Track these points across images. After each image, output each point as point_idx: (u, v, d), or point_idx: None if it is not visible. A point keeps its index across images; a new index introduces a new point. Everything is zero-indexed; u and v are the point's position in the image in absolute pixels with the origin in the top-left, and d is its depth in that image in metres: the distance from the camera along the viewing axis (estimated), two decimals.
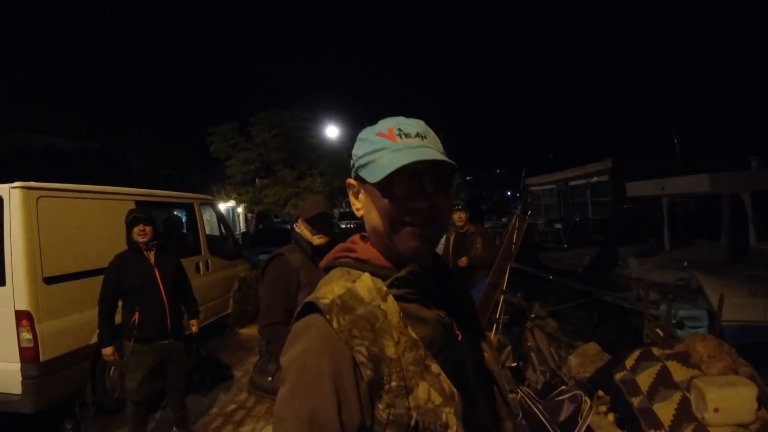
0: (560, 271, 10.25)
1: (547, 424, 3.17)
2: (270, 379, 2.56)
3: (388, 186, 0.88)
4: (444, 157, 0.89)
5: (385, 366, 0.82)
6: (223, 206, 21.42)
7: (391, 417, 0.81)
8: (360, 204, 0.99)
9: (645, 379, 3.43)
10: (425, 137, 0.93)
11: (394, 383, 0.82)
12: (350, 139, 14.37)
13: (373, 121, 0.98)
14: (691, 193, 8.99)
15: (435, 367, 0.86)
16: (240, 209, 25.58)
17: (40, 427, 4.05)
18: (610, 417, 3.70)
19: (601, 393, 4.04)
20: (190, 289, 4.32)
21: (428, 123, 0.98)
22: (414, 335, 0.87)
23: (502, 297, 3.27)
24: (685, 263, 7.28)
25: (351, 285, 0.90)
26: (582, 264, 10.80)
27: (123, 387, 4.00)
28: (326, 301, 0.87)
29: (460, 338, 0.96)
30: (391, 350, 0.83)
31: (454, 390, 0.86)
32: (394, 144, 0.90)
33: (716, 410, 2.84)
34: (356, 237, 1.03)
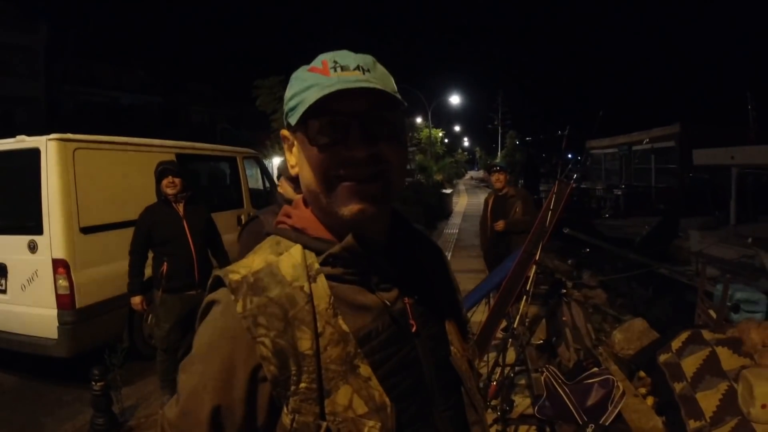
0: (617, 240, 9.79)
1: (572, 407, 2.96)
2: None
3: (318, 130, 0.71)
4: (385, 88, 0.70)
5: (294, 363, 0.67)
6: (277, 160, 21.61)
7: (294, 425, 0.66)
8: (295, 159, 0.81)
9: (691, 364, 3.17)
10: (368, 71, 0.73)
11: (303, 384, 0.67)
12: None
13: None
14: (764, 164, 8.23)
15: (365, 370, 0.70)
16: None
17: (74, 372, 4.18)
18: (650, 401, 3.47)
19: (642, 374, 3.80)
20: (221, 242, 4.31)
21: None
22: (344, 327, 0.70)
23: (534, 268, 3.04)
24: (750, 240, 6.69)
25: (274, 259, 0.74)
26: (641, 233, 10.27)
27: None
28: (237, 277, 0.72)
29: (414, 329, 0.78)
30: (306, 344, 0.68)
31: (386, 400, 0.70)
32: (326, 79, 0.71)
33: (764, 406, 2.55)
34: (300, 199, 0.85)
